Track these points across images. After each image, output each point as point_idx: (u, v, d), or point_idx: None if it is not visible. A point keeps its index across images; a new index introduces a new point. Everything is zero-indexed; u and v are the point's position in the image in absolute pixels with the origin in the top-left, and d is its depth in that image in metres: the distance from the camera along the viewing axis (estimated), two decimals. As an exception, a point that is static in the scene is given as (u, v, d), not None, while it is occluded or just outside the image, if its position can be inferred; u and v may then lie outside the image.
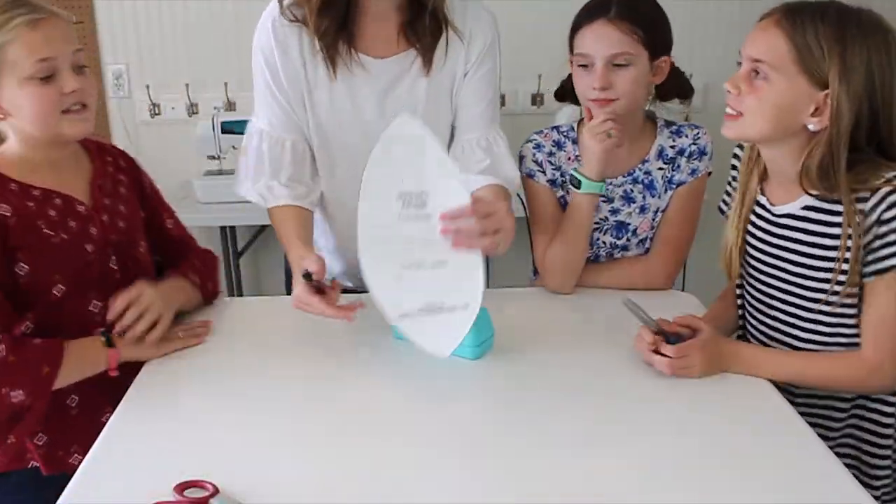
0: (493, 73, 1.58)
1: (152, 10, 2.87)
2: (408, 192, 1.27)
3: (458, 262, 1.24)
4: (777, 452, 1.14)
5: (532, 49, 2.95)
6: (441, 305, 1.19)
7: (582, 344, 1.40)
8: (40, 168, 1.37)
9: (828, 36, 1.20)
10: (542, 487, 1.07)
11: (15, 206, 1.31)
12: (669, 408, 1.24)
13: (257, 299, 1.71)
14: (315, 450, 1.16)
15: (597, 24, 1.52)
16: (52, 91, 1.31)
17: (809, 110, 1.23)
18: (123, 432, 1.21)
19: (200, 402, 1.29)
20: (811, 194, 1.29)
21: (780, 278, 1.36)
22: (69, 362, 1.30)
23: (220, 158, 2.71)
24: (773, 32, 1.23)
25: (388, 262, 1.25)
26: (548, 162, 1.65)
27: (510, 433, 1.19)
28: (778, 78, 1.23)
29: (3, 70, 1.28)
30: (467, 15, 1.53)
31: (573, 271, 1.64)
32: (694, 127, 1.65)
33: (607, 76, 1.53)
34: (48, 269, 1.34)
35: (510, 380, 1.32)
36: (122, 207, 1.47)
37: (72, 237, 1.36)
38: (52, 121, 1.33)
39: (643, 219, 1.66)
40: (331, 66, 1.51)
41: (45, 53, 1.29)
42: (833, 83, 1.20)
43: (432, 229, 1.25)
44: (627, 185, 1.64)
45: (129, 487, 1.08)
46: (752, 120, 1.27)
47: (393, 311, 1.19)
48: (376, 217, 1.29)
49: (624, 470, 1.10)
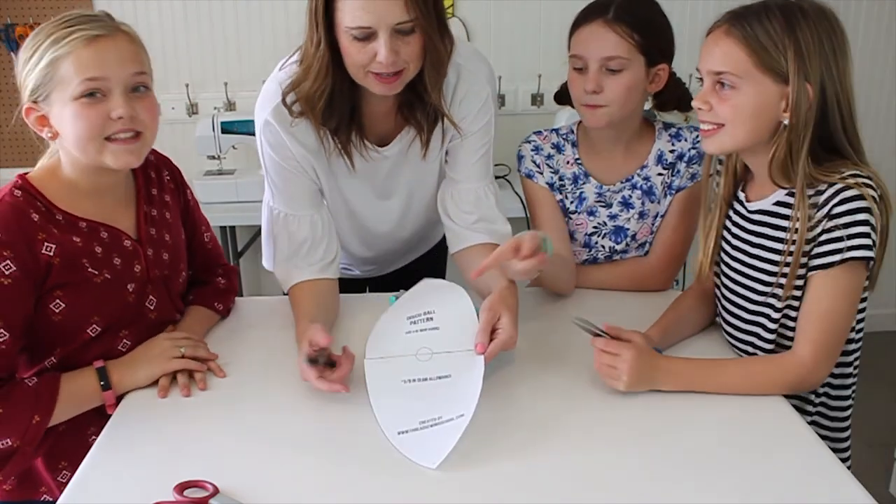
0: (488, 127, 1.53)
1: (152, 10, 2.87)
2: (416, 314, 1.32)
3: (461, 375, 1.24)
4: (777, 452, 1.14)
5: (532, 49, 2.95)
6: (438, 419, 1.18)
7: (582, 344, 1.40)
8: (87, 195, 1.31)
9: (778, 30, 1.21)
10: (542, 487, 1.07)
11: (60, 243, 1.24)
12: (668, 407, 1.24)
13: (257, 299, 1.71)
14: (315, 450, 1.16)
15: (593, 25, 1.50)
16: (95, 114, 1.22)
17: (781, 107, 1.24)
18: (123, 432, 1.21)
19: (200, 401, 1.29)
20: (783, 187, 1.29)
21: (750, 276, 1.35)
22: (62, 406, 1.24)
23: (220, 158, 2.71)
24: (727, 42, 1.24)
25: (392, 377, 1.25)
26: (546, 165, 1.65)
27: (511, 433, 1.19)
28: (744, 85, 1.24)
29: (55, 86, 1.22)
30: (461, 77, 1.48)
31: (567, 282, 1.63)
32: (693, 129, 1.61)
33: (599, 79, 1.50)
34: (86, 310, 1.29)
35: (511, 380, 1.32)
36: (167, 237, 1.42)
37: (115, 277, 1.31)
38: (93, 146, 1.24)
39: (642, 224, 1.65)
40: (349, 159, 1.48)
41: (94, 73, 1.21)
42: (791, 74, 1.21)
43: (440, 342, 1.27)
44: (626, 190, 1.63)
45: (129, 487, 1.09)
46: (730, 131, 1.27)
47: (391, 428, 1.17)
48: (384, 334, 1.31)
49: (624, 469, 1.10)
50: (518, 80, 2.96)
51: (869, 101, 3.07)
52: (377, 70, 1.32)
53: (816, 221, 1.23)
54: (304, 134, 1.44)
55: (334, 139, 1.45)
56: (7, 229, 1.21)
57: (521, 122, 2.58)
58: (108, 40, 1.23)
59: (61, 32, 1.21)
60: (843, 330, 1.27)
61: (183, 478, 1.07)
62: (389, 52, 1.29)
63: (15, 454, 1.22)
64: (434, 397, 1.22)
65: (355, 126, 1.46)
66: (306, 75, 1.37)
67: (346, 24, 1.29)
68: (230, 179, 2.67)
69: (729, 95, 1.25)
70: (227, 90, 2.92)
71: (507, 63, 2.93)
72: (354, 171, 1.51)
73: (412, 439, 1.16)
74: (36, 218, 1.24)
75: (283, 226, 1.53)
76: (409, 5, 1.27)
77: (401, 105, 1.46)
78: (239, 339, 1.49)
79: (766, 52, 1.22)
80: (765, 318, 1.34)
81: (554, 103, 1.72)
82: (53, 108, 1.23)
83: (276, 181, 1.50)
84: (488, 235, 1.54)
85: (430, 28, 1.32)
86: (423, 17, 1.29)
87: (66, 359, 1.30)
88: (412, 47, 1.32)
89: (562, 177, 1.65)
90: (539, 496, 1.06)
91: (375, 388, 1.23)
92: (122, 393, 1.30)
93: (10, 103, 2.82)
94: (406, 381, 1.25)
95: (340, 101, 1.40)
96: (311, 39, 1.35)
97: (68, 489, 1.08)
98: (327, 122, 1.42)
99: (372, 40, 1.29)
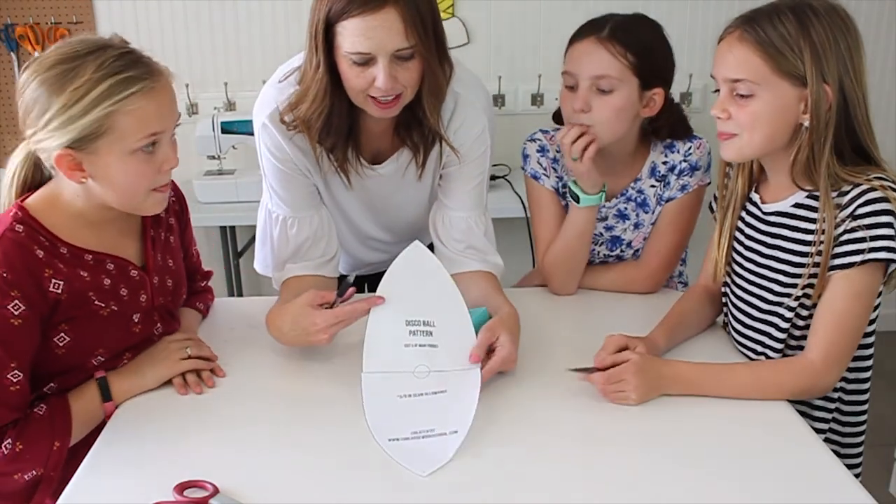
0: (483, 158, 1.52)
1: (152, 10, 2.87)
2: (415, 321, 1.30)
3: (457, 391, 1.24)
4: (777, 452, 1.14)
5: (532, 49, 2.95)
6: (431, 432, 1.18)
7: (582, 344, 1.40)
8: (91, 225, 1.26)
9: (792, 32, 1.20)
10: (543, 486, 1.07)
11: (68, 279, 1.21)
12: (668, 408, 1.24)
13: (257, 299, 1.71)
14: (315, 449, 1.16)
15: (587, 42, 1.46)
16: (151, 168, 1.20)
17: (800, 109, 1.22)
18: (123, 432, 1.21)
19: (200, 402, 1.29)
20: (805, 189, 1.28)
21: (766, 276, 1.34)
22: (76, 425, 1.22)
23: (220, 158, 2.71)
24: (741, 49, 1.22)
25: (389, 392, 1.26)
26: (552, 168, 1.64)
27: (510, 433, 1.19)
28: (762, 91, 1.22)
29: (107, 136, 1.15)
30: (458, 106, 1.46)
31: (575, 274, 1.64)
32: (688, 141, 1.59)
33: (588, 98, 1.47)
34: (92, 342, 1.26)
35: (511, 380, 1.32)
36: (171, 262, 1.41)
37: (121, 308, 1.28)
38: (139, 197, 1.22)
39: (637, 234, 1.66)
40: (345, 176, 1.48)
41: (156, 128, 1.18)
42: (809, 77, 1.19)
43: (438, 361, 1.27)
44: (621, 204, 1.63)
45: (128, 487, 1.09)
46: (750, 138, 1.25)
47: (382, 435, 1.18)
48: (383, 344, 1.29)
49: (624, 469, 1.10)
50: (518, 80, 2.95)
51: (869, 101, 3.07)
52: (375, 95, 1.32)
53: (839, 221, 1.22)
54: (302, 140, 1.44)
55: (330, 157, 1.45)
56: (12, 268, 1.15)
57: (521, 122, 2.58)
58: (162, 90, 1.19)
59: (116, 82, 1.13)
60: (856, 333, 1.25)
61: (183, 478, 1.07)
62: (388, 77, 1.28)
63: (41, 483, 1.19)
64: (429, 411, 1.22)
65: (352, 143, 1.45)
66: (304, 97, 1.37)
67: (346, 49, 1.28)
68: (230, 179, 2.67)
69: (747, 104, 1.23)
70: (227, 90, 2.92)
71: (507, 63, 2.92)
72: (351, 188, 1.51)
73: (403, 448, 1.16)
74: (41, 255, 1.19)
75: (282, 229, 1.52)
76: (408, 32, 1.26)
77: (398, 125, 1.46)
78: (239, 339, 1.49)
79: (783, 55, 1.20)
80: (778, 318, 1.33)
81: (554, 103, 1.71)
82: (100, 159, 1.17)
83: (275, 184, 1.50)
84: (480, 263, 1.54)
85: (430, 54, 1.31)
86: (422, 43, 1.28)
87: (66, 384, 1.27)
88: (411, 73, 1.31)
89: (565, 184, 1.64)
90: (539, 496, 1.06)
91: (371, 401, 1.23)
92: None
93: (10, 103, 2.81)
94: (402, 396, 1.25)
95: (338, 122, 1.40)
96: (310, 62, 1.34)
97: (68, 489, 1.08)
98: (324, 142, 1.42)
99: (371, 65, 1.29)
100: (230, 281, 2.92)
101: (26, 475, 1.18)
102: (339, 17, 1.26)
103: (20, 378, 1.17)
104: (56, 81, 1.14)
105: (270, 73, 1.49)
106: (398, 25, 1.25)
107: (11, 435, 1.17)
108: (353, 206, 1.61)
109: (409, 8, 1.25)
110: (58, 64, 1.15)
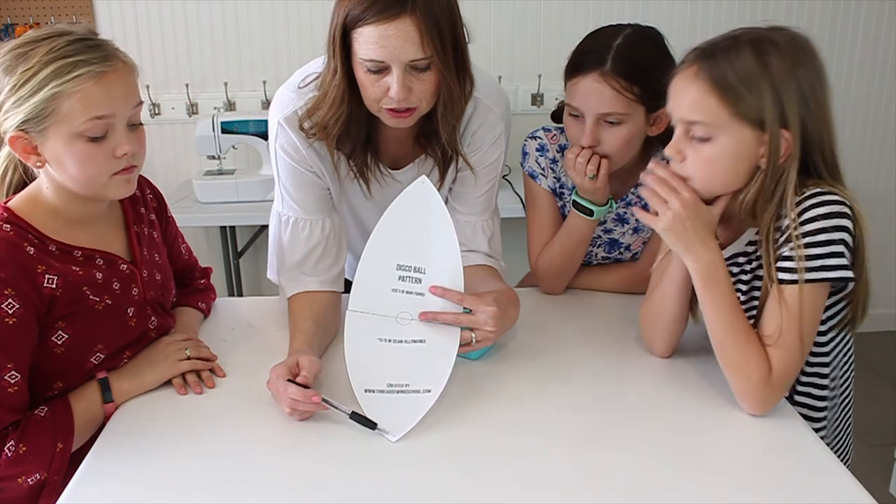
0: (497, 164, 1.52)
1: (152, 10, 2.87)
2: (406, 266, 1.30)
3: (435, 344, 1.26)
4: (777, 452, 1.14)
5: (532, 49, 2.95)
6: (405, 387, 1.21)
7: (581, 344, 1.40)
8: (75, 221, 1.26)
9: (751, 70, 1.12)
10: (543, 486, 1.07)
11: (61, 274, 1.20)
12: (667, 408, 1.25)
13: (257, 299, 1.71)
14: (315, 449, 1.16)
15: (590, 79, 1.43)
16: (101, 153, 1.19)
17: (760, 152, 1.16)
18: (123, 432, 1.21)
19: (200, 402, 1.29)
20: (754, 226, 1.23)
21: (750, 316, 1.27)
22: (79, 427, 1.22)
23: (220, 158, 2.71)
24: (697, 88, 1.15)
25: (370, 333, 1.27)
26: (550, 169, 1.64)
27: (508, 434, 1.19)
28: (719, 134, 1.15)
29: (54, 119, 1.15)
30: (476, 110, 1.46)
31: (568, 276, 1.65)
32: None
33: (596, 133, 1.46)
34: (90, 339, 1.26)
35: (511, 380, 1.33)
36: (157, 257, 1.41)
37: (115, 302, 1.28)
38: (97, 183, 1.22)
39: (637, 238, 1.66)
40: (365, 184, 1.48)
41: (102, 111, 1.17)
42: (769, 122, 1.12)
43: (422, 309, 1.28)
44: (621, 208, 1.64)
45: (129, 487, 1.09)
46: (705, 183, 1.19)
47: (359, 384, 1.21)
48: (372, 284, 1.30)
49: (624, 469, 1.10)
50: (518, 80, 2.96)
51: (869, 101, 3.08)
52: (388, 105, 1.31)
53: (783, 236, 1.17)
54: (320, 144, 1.43)
55: (349, 163, 1.45)
56: (4, 266, 1.15)
57: (521, 122, 2.57)
58: (113, 75, 1.18)
59: (63, 64, 1.14)
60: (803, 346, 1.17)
61: (182, 478, 1.07)
62: (401, 87, 1.27)
63: (45, 487, 1.18)
64: (406, 361, 1.25)
65: (370, 149, 1.45)
66: (322, 103, 1.37)
67: (361, 55, 1.28)
68: (230, 179, 2.67)
69: (703, 146, 1.16)
70: (227, 90, 2.92)
71: (507, 63, 2.93)
72: (371, 197, 1.50)
73: (379, 401, 1.21)
74: (32, 251, 1.19)
75: (293, 231, 1.50)
76: (425, 43, 1.25)
77: (418, 134, 1.46)
78: (239, 339, 1.49)
79: (741, 98, 1.12)
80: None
81: (554, 103, 1.72)
82: (49, 141, 1.17)
83: (289, 185, 1.48)
84: (484, 259, 1.54)
85: (447, 68, 1.30)
86: (439, 56, 1.27)
87: (69, 385, 1.27)
88: (426, 84, 1.30)
89: (563, 185, 1.64)
90: (539, 496, 1.06)
91: (352, 340, 1.26)
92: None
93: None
94: (381, 340, 1.28)
95: (356, 128, 1.40)
96: (328, 68, 1.35)
97: (68, 489, 1.09)
98: (342, 147, 1.42)
99: (385, 74, 1.28)
100: (230, 281, 2.92)
101: (30, 479, 1.17)
102: (356, 24, 1.26)
103: (18, 379, 1.17)
104: (10, 63, 1.16)
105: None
106: (414, 35, 1.24)
107: (13, 437, 1.16)
108: (369, 214, 1.60)
109: (427, 19, 1.24)
110: (16, 48, 1.17)
